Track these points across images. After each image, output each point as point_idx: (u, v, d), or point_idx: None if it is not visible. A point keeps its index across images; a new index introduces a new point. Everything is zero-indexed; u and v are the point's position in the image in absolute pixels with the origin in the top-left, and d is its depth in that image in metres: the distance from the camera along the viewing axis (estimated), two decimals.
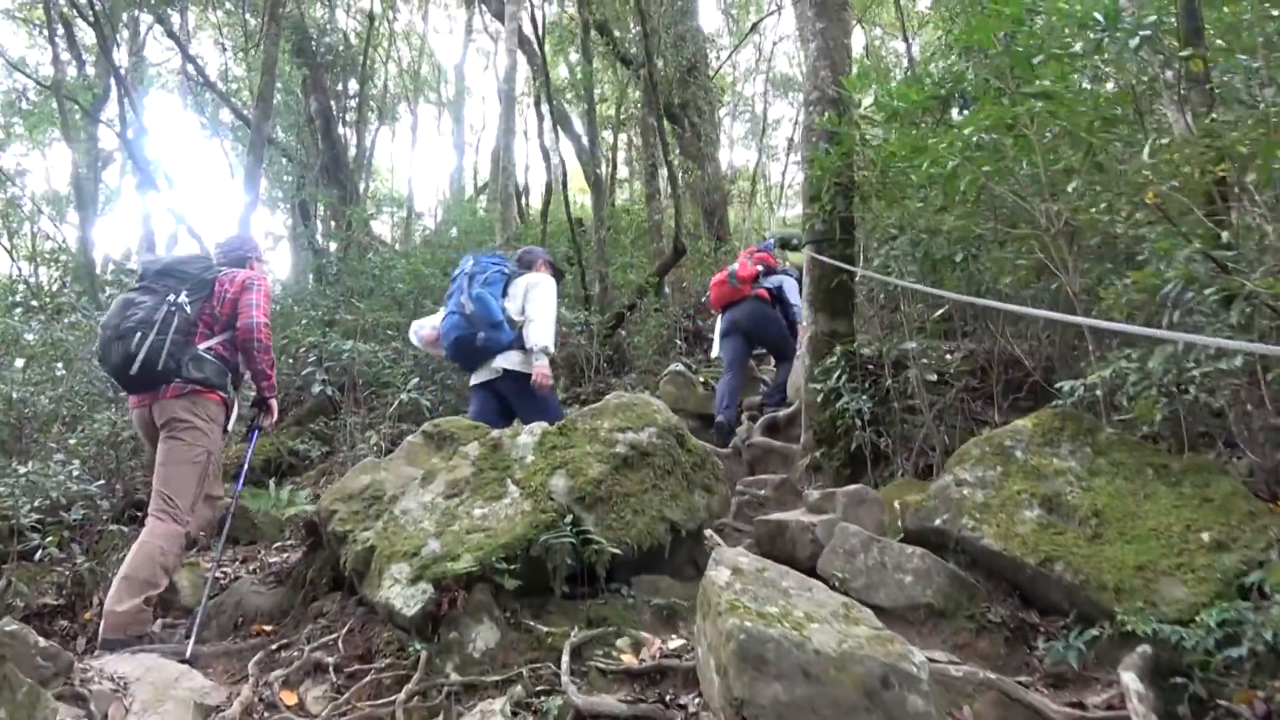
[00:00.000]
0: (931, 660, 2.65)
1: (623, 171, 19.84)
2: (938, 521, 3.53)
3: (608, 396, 4.07)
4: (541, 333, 4.83)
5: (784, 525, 3.84)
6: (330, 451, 8.07)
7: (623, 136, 18.47)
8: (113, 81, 13.80)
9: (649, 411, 3.89)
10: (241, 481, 4.49)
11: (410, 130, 24.46)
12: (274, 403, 4.31)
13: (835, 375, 6.62)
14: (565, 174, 13.24)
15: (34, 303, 9.72)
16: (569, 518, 3.43)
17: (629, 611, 3.33)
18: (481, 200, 19.85)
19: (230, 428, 4.07)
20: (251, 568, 4.83)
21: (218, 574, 4.24)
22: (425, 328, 5.42)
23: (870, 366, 6.65)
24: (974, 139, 4.76)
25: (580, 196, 17.90)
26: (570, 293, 10.92)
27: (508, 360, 4.88)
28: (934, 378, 4.89)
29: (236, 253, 4.27)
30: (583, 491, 3.51)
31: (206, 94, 16.66)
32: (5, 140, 17.83)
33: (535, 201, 17.29)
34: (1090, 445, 3.56)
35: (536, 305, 4.90)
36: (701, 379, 9.00)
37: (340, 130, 16.00)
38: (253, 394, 4.37)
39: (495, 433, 3.94)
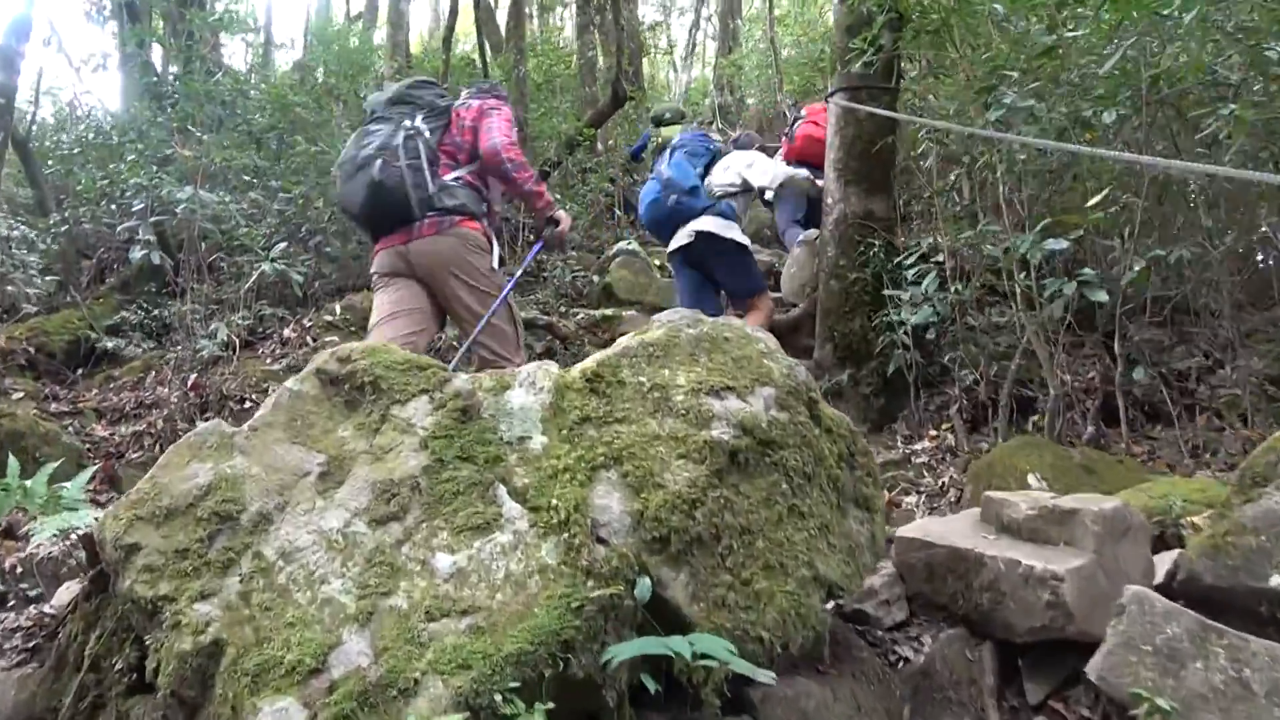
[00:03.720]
0: None
1: None
2: (1276, 580, 1.97)
3: (658, 320, 2.24)
4: (773, 171, 5.40)
5: (971, 561, 2.19)
6: (159, 346, 5.88)
7: None
8: None
9: (756, 355, 2.09)
10: (504, 294, 3.45)
11: None
12: (563, 214, 3.74)
13: (871, 271, 4.98)
14: None
15: None
16: (638, 582, 1.68)
17: None
18: (358, 28, 16.73)
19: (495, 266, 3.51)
20: None
21: None
22: None
23: (934, 262, 5.02)
24: None
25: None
26: None
27: (701, 224, 5.03)
28: (1103, 297, 3.26)
29: (475, 93, 3.70)
30: (662, 524, 1.75)
31: None
32: None
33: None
34: None
35: (761, 165, 5.40)
36: (657, 262, 7.18)
37: None
38: None
39: (459, 380, 2.09)
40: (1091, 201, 3.44)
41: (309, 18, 18.79)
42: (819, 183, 5.54)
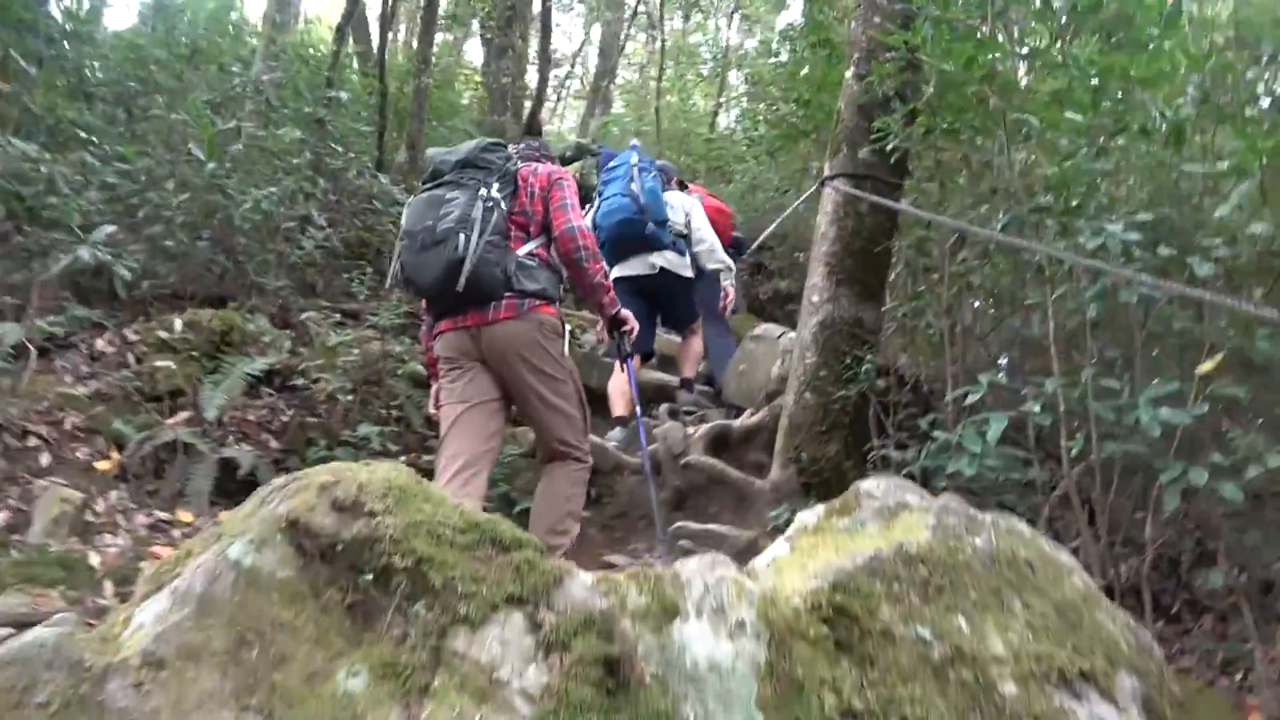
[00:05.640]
0: None
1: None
2: None
3: (893, 493, 1.33)
4: (721, 252, 5.30)
5: None
6: None
7: None
8: None
9: (1077, 598, 1.20)
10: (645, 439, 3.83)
11: None
12: (628, 313, 3.52)
13: (857, 389, 4.29)
14: None
15: None
16: None
17: None
18: None
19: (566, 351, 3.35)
20: None
21: None
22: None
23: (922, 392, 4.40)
24: None
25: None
26: (361, 153, 7.45)
27: (664, 259, 5.02)
28: (1237, 496, 2.62)
29: (533, 152, 3.58)
30: None
31: None
32: None
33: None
34: None
35: (707, 229, 5.30)
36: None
37: None
38: None
39: (578, 584, 1.08)
40: (1205, 366, 2.86)
41: None
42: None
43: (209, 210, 5.30)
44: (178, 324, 4.37)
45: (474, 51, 17.28)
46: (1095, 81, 3.81)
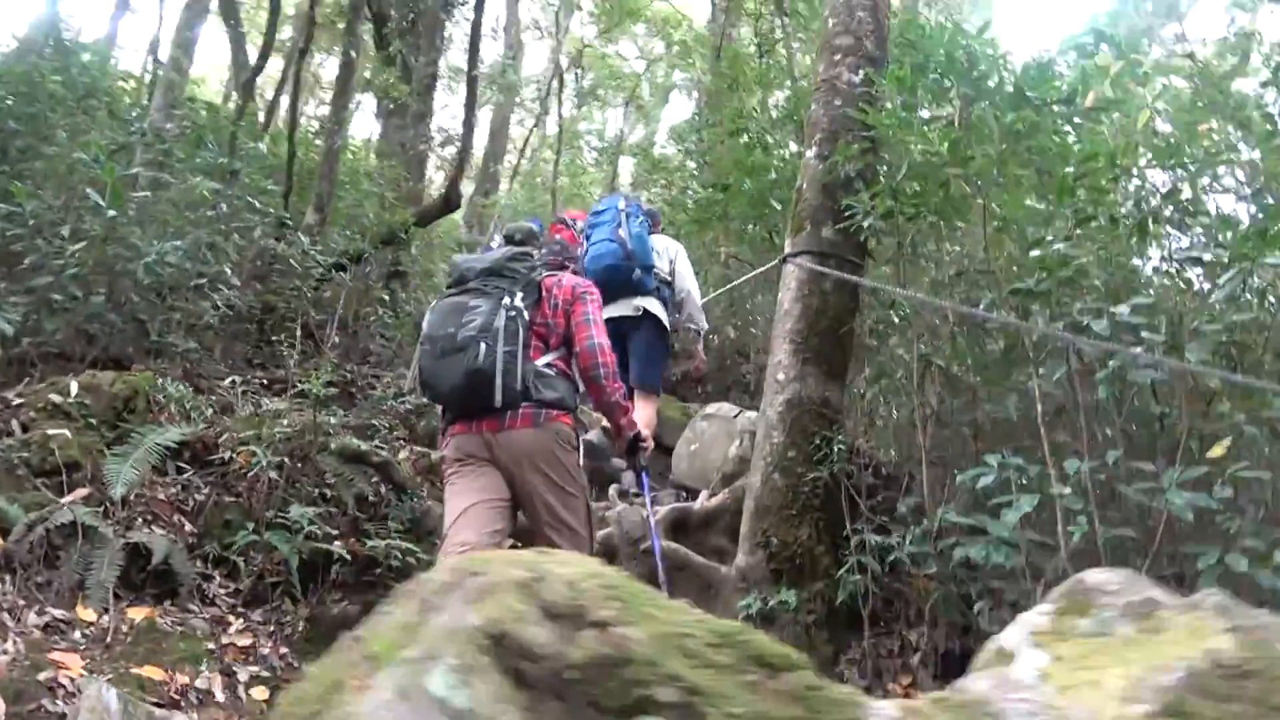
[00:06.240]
0: None
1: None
2: None
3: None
4: (700, 310, 5.22)
5: None
6: None
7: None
8: None
9: None
10: (661, 561, 3.68)
11: None
12: (647, 432, 3.60)
13: (829, 471, 4.13)
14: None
15: None
16: None
17: None
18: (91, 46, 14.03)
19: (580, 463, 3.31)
20: None
21: None
22: None
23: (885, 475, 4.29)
24: None
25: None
26: (254, 217, 6.91)
27: (649, 304, 4.92)
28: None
29: (555, 258, 3.52)
30: None
31: None
32: None
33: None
34: None
35: (690, 278, 5.24)
36: None
37: None
38: None
39: None
40: (1216, 450, 2.84)
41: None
42: None
43: (107, 263, 4.73)
44: (74, 386, 3.78)
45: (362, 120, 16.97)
46: (1070, 170, 3.90)
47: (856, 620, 4.07)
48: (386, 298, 6.99)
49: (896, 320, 4.94)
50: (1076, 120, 4.30)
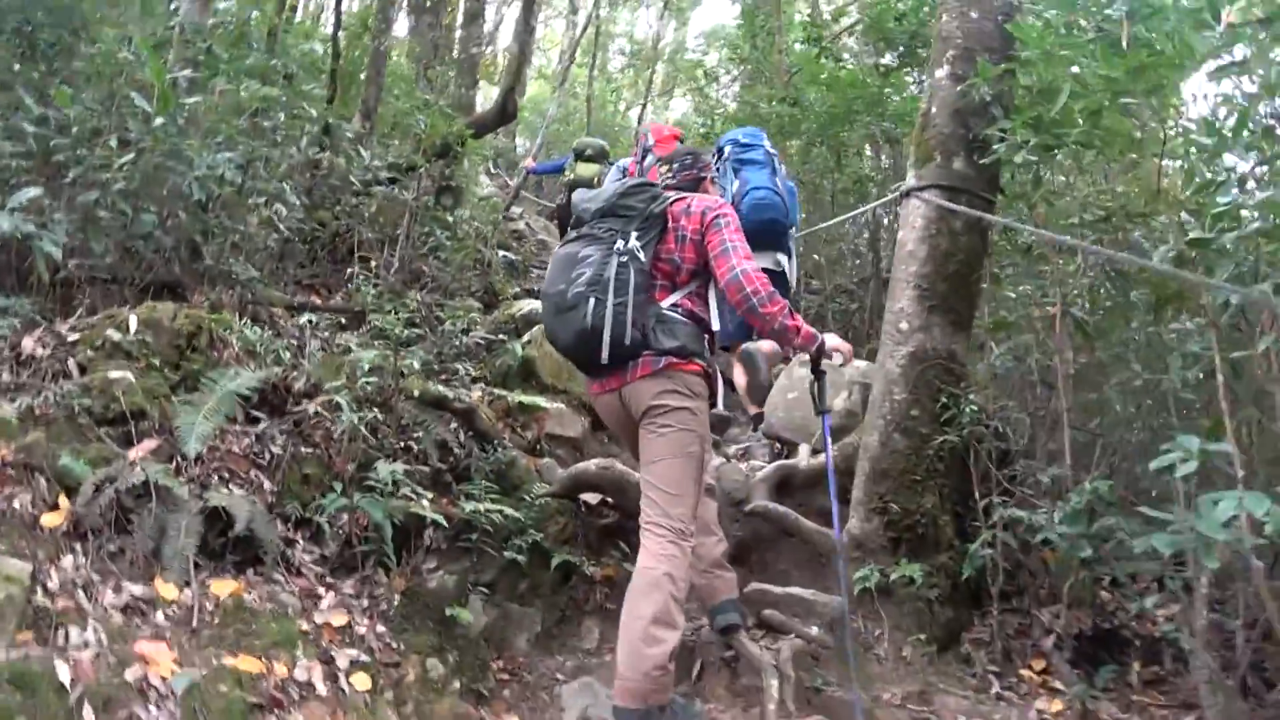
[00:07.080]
0: None
1: None
2: None
3: None
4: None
5: None
6: None
7: None
8: None
9: None
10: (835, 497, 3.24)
11: None
12: (828, 337, 3.10)
13: (959, 435, 3.75)
14: None
15: None
16: None
17: None
18: None
19: (719, 404, 3.20)
20: None
21: None
22: None
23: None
24: None
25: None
26: (301, 124, 6.35)
27: (784, 260, 4.49)
28: None
29: (689, 172, 3.33)
30: None
31: None
32: None
33: None
34: None
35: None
36: None
37: None
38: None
39: None
40: None
41: None
42: None
43: (157, 177, 4.29)
44: (133, 321, 3.39)
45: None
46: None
47: (978, 597, 3.77)
48: (448, 217, 6.51)
49: (1024, 264, 4.50)
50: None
